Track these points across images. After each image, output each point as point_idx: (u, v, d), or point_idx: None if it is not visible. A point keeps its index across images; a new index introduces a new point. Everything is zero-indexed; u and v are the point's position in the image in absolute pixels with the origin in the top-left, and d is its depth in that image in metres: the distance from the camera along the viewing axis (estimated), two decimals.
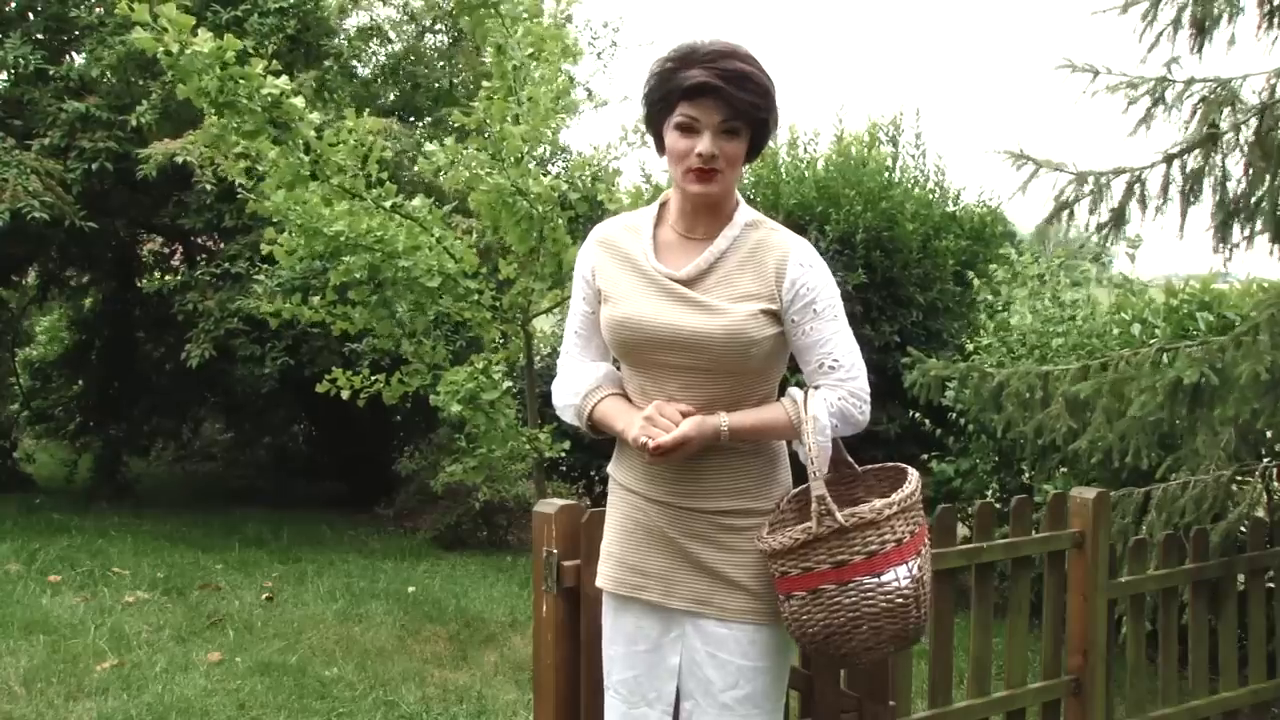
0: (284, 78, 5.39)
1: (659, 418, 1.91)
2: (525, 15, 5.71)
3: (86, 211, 7.60)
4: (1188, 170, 3.79)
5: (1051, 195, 3.95)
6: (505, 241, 6.06)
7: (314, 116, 5.48)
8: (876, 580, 1.85)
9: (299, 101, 5.39)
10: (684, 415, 1.91)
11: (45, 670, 4.30)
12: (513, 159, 5.61)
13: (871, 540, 1.85)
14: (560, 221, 5.80)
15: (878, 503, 1.88)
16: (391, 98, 9.78)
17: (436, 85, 9.71)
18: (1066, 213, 3.94)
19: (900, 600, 1.86)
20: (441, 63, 10.04)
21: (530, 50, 5.75)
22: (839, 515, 1.84)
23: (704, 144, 1.89)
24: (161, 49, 5.08)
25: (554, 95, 5.78)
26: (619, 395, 2.05)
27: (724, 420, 1.92)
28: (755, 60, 1.92)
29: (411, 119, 9.59)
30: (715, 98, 1.87)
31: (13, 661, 4.37)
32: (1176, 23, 3.73)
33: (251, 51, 5.57)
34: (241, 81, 5.23)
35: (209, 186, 7.15)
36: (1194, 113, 3.79)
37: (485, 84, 5.89)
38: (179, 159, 6.95)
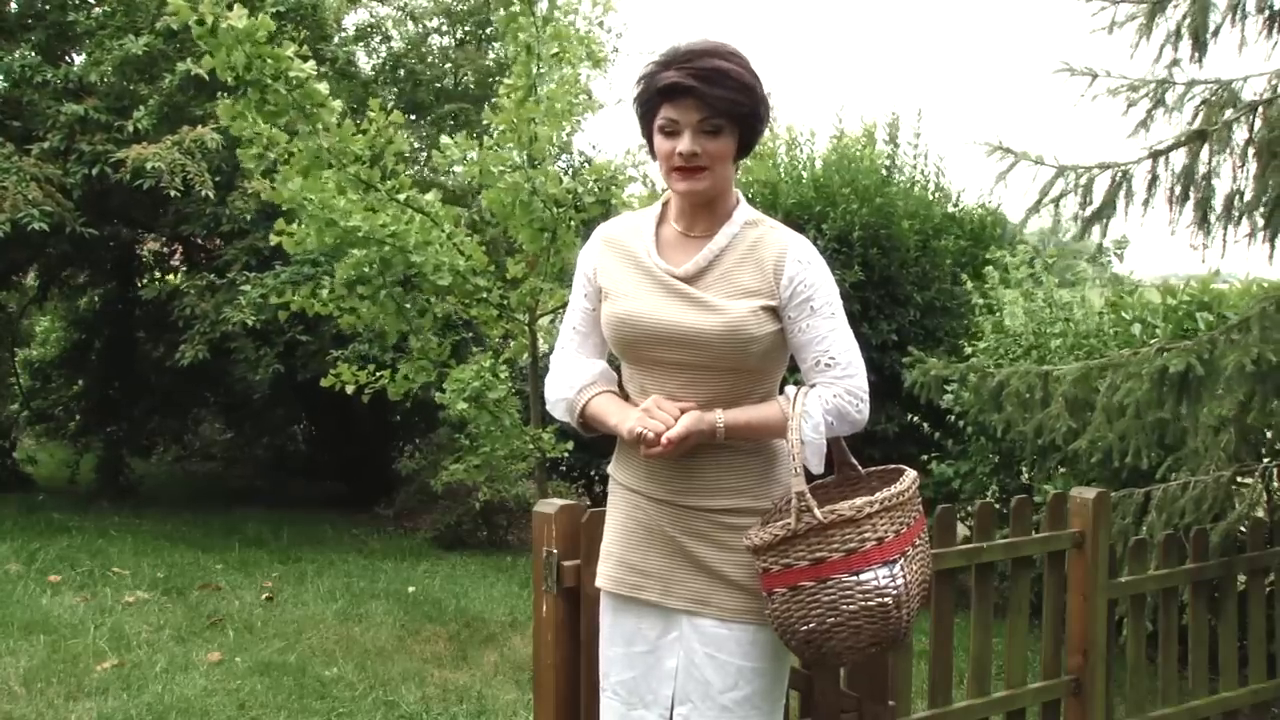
0: (310, 63, 5.40)
1: (656, 411, 1.92)
2: (559, 15, 5.73)
3: (87, 215, 7.60)
4: (1176, 169, 3.78)
5: (1035, 188, 3.95)
6: (515, 241, 6.07)
7: (336, 104, 5.51)
8: (855, 579, 1.84)
9: (323, 87, 5.41)
10: (681, 411, 1.92)
11: (45, 670, 4.30)
12: (532, 161, 5.63)
13: (850, 538, 1.84)
14: (571, 224, 5.82)
15: (858, 500, 1.87)
16: (391, 98, 9.78)
17: (439, 85, 9.70)
18: (1052, 205, 3.93)
19: (880, 601, 1.84)
20: (446, 64, 10.02)
21: (555, 51, 5.77)
22: (817, 512, 1.83)
23: (684, 143, 1.90)
24: (195, 19, 5.11)
25: (571, 97, 5.81)
26: (614, 392, 2.06)
27: (719, 417, 1.93)
28: (737, 57, 1.92)
29: (413, 116, 9.58)
30: (691, 97, 1.88)
31: (13, 661, 4.37)
32: (1177, 34, 3.73)
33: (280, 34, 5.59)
34: (270, 61, 5.24)
35: (174, 194, 7.06)
36: (1196, 115, 3.78)
37: (505, 82, 5.89)
38: (148, 165, 6.91)
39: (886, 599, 1.85)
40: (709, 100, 1.88)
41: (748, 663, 1.97)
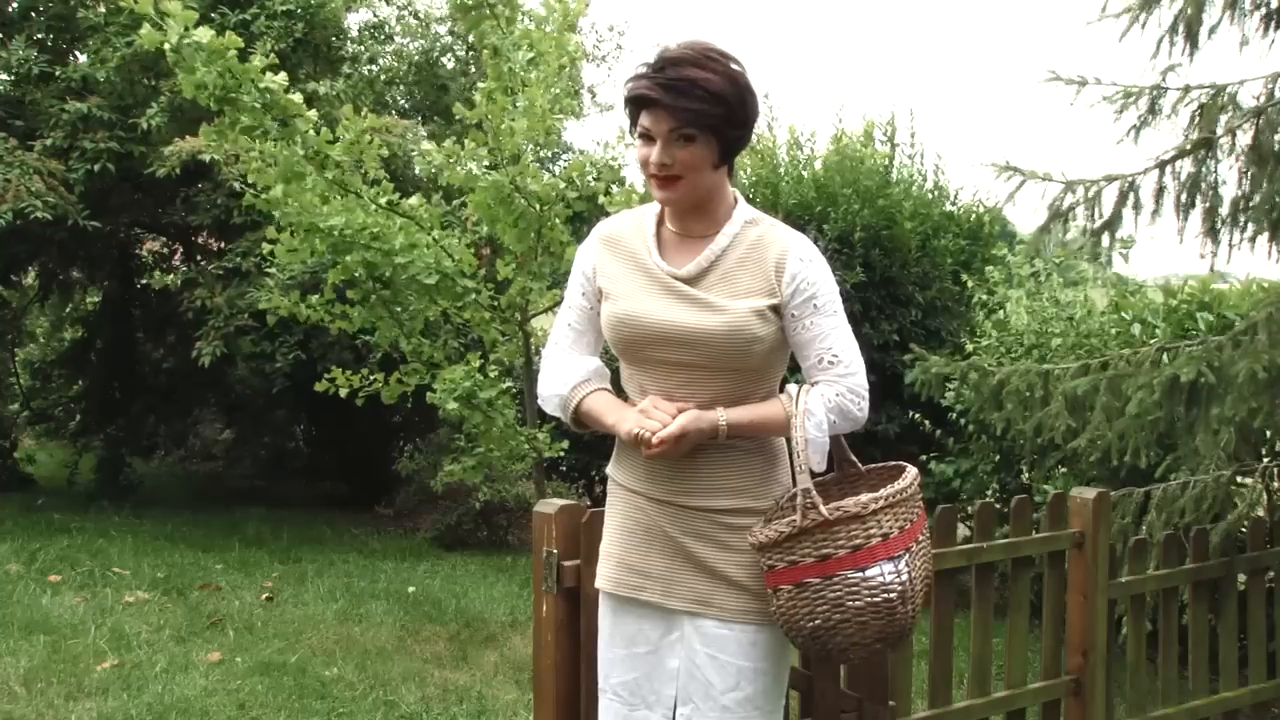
0: (282, 74, 5.39)
1: (654, 411, 1.91)
2: (523, 17, 5.69)
3: (89, 212, 7.60)
4: (1182, 177, 3.77)
5: (1044, 204, 3.94)
6: (502, 241, 6.06)
7: (312, 114, 5.49)
8: (861, 575, 1.84)
9: (297, 97, 5.40)
10: (680, 410, 1.92)
11: (45, 670, 4.30)
12: (510, 157, 5.60)
13: (856, 534, 1.85)
14: (559, 221, 5.80)
15: (864, 496, 1.88)
16: (403, 103, 9.73)
17: (464, 90, 9.68)
18: (1061, 221, 3.93)
19: (885, 596, 1.85)
20: (461, 75, 10.00)
21: (530, 56, 5.75)
22: (823, 508, 1.84)
23: (655, 153, 1.90)
24: (165, 43, 5.09)
25: (551, 99, 5.78)
26: (608, 391, 2.05)
27: (722, 415, 1.93)
28: (714, 62, 1.88)
29: (435, 120, 9.54)
30: (658, 108, 1.87)
31: (13, 661, 4.38)
32: (1173, 29, 3.72)
33: (252, 50, 5.58)
34: (239, 76, 5.23)
35: (236, 184, 7.02)
36: (1192, 120, 3.78)
37: (480, 85, 5.89)
38: (203, 156, 6.89)
39: (892, 594, 1.86)
40: (675, 112, 1.86)
41: (749, 663, 1.97)
